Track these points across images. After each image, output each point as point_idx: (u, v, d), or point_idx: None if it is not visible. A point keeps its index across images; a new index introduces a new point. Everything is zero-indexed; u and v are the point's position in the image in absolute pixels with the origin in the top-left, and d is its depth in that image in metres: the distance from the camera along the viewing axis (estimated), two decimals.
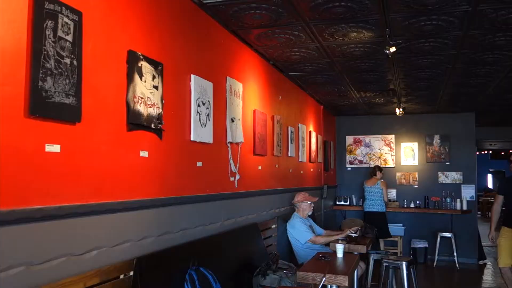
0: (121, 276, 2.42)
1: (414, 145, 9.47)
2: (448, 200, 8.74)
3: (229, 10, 3.65)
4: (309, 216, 5.40)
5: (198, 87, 3.41)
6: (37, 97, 1.91)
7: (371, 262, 5.75)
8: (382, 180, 8.13)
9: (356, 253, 4.91)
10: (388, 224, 7.99)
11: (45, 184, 1.99)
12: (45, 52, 1.96)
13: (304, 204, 5.28)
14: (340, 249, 4.01)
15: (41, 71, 1.93)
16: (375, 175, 8.14)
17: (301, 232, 5.06)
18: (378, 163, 9.40)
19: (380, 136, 9.64)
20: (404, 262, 5.06)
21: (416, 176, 9.37)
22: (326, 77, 6.13)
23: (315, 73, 5.93)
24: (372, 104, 8.32)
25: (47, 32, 1.97)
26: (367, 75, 6.00)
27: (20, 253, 1.85)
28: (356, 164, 9.77)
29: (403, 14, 3.78)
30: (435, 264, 8.28)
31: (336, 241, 4.79)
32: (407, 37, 4.38)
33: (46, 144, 1.99)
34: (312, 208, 5.35)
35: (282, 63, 5.39)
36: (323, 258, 3.90)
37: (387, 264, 5.28)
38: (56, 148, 2.04)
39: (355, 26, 4.06)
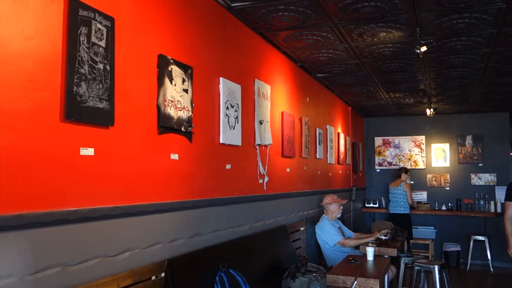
0: (153, 278, 2.45)
1: (446, 146, 9.27)
2: (482, 202, 8.51)
3: (257, 12, 3.66)
4: (338, 218, 5.36)
5: (227, 90, 3.43)
6: (72, 102, 1.96)
7: (402, 266, 5.64)
8: (406, 182, 7.99)
9: (386, 256, 4.83)
10: (419, 227, 7.84)
11: (80, 187, 2.04)
12: (80, 58, 2.00)
13: (333, 206, 5.24)
14: (370, 252, 3.95)
15: (75, 77, 1.98)
16: (400, 177, 8.04)
17: (330, 235, 5.02)
18: (408, 165, 9.25)
19: (410, 137, 9.48)
20: (436, 266, 4.95)
21: (448, 177, 9.17)
22: (354, 78, 6.07)
23: (343, 74, 5.88)
24: (402, 105, 8.19)
25: (81, 38, 2.02)
26: (396, 76, 5.91)
27: (57, 254, 1.90)
28: (385, 166, 9.63)
29: (434, 12, 3.70)
30: (468, 268, 8.07)
31: (366, 244, 4.72)
32: (438, 36, 4.29)
33: (80, 148, 2.03)
34: (341, 210, 5.31)
35: (310, 64, 5.36)
36: (353, 261, 3.85)
37: (418, 268, 5.17)
38: (90, 151, 2.08)
39: (384, 26, 4.00)
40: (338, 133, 7.30)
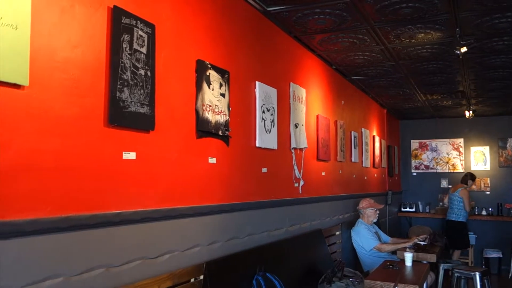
0: (192, 280, 2.48)
1: (486, 149, 8.98)
2: None
3: (292, 16, 3.66)
4: (374, 223, 5.28)
5: (263, 94, 3.44)
6: (115, 107, 2.01)
7: (441, 272, 5.49)
8: (464, 188, 7.30)
9: (425, 262, 4.72)
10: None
11: (122, 190, 2.09)
12: (122, 64, 2.06)
13: (369, 211, 5.16)
14: (409, 257, 3.88)
15: (118, 83, 2.03)
16: (466, 183, 7.37)
17: (366, 239, 4.95)
18: (446, 168, 9.02)
19: (448, 140, 9.24)
20: (477, 273, 4.80)
21: (488, 181, 8.88)
22: (390, 80, 5.98)
23: (379, 77, 5.80)
24: (439, 107, 8.00)
25: (124, 45, 2.07)
26: (434, 77, 5.78)
27: (101, 255, 1.95)
28: (422, 169, 9.42)
29: (475, 12, 3.60)
30: (510, 275, 7.77)
31: (404, 249, 4.63)
32: (478, 36, 4.17)
33: (123, 152, 2.08)
34: (377, 214, 5.23)
35: (345, 67, 5.31)
36: (391, 266, 3.79)
37: (458, 275, 5.03)
38: (132, 155, 2.13)
39: (422, 27, 3.93)
40: (373, 136, 7.19)
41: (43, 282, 1.68)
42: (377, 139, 7.37)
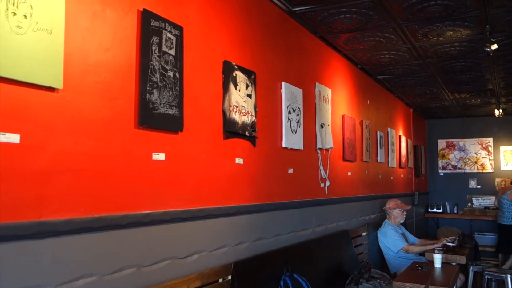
0: (220, 280, 2.50)
1: None
2: None
3: (318, 16, 3.64)
4: (401, 224, 5.20)
5: (289, 94, 3.44)
6: (145, 109, 2.04)
7: (471, 274, 5.37)
8: None
9: (454, 263, 4.62)
10: (487, 234, 7.39)
11: (152, 191, 2.11)
12: (152, 67, 2.08)
13: (396, 212, 5.09)
14: (438, 259, 3.81)
15: (148, 85, 2.06)
16: None
17: (393, 240, 4.88)
18: (474, 169, 8.83)
19: (476, 139, 9.04)
20: (509, 275, 4.68)
21: None
22: (417, 79, 5.89)
23: (405, 75, 5.71)
24: (467, 106, 7.83)
25: (153, 48, 2.10)
26: (462, 75, 5.67)
27: (132, 255, 1.98)
28: (450, 169, 9.25)
29: (506, 8, 3.52)
30: None
31: (432, 251, 4.54)
32: (509, 33, 4.07)
33: (152, 153, 2.11)
34: (404, 215, 5.15)
35: (371, 66, 5.26)
36: (419, 268, 3.73)
37: (489, 277, 4.91)
38: (161, 156, 2.16)
39: (451, 25, 3.85)
40: (400, 136, 7.10)
41: (77, 281, 1.72)
42: (403, 139, 7.27)
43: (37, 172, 1.58)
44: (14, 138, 1.51)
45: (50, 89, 1.64)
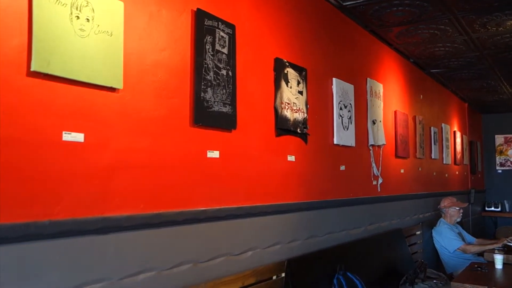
0: (274, 277, 2.50)
1: None
2: None
3: (369, 9, 3.56)
4: (457, 223, 5.01)
5: (340, 90, 3.39)
6: (199, 108, 2.07)
7: None
8: None
9: None
10: None
11: (207, 188, 2.14)
12: (206, 65, 2.11)
13: (452, 210, 4.90)
14: (499, 259, 3.63)
15: (202, 83, 2.09)
16: None
17: (449, 240, 4.71)
18: None
19: None
20: None
21: None
22: (473, 72, 5.64)
23: (460, 69, 5.49)
24: None
25: (207, 47, 2.12)
26: None
27: (188, 251, 2.02)
28: (508, 166, 8.80)
29: None
30: None
31: (492, 251, 4.34)
32: None
33: (207, 151, 2.14)
34: (460, 214, 4.95)
35: (424, 60, 5.09)
36: (479, 268, 3.57)
37: None
38: (215, 154, 2.18)
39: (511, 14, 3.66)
40: (454, 132, 6.83)
41: (137, 276, 1.77)
42: (458, 134, 6.99)
43: (100, 169, 1.64)
44: (79, 137, 1.57)
45: (111, 89, 1.69)
